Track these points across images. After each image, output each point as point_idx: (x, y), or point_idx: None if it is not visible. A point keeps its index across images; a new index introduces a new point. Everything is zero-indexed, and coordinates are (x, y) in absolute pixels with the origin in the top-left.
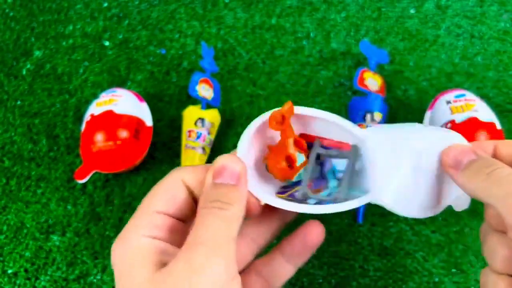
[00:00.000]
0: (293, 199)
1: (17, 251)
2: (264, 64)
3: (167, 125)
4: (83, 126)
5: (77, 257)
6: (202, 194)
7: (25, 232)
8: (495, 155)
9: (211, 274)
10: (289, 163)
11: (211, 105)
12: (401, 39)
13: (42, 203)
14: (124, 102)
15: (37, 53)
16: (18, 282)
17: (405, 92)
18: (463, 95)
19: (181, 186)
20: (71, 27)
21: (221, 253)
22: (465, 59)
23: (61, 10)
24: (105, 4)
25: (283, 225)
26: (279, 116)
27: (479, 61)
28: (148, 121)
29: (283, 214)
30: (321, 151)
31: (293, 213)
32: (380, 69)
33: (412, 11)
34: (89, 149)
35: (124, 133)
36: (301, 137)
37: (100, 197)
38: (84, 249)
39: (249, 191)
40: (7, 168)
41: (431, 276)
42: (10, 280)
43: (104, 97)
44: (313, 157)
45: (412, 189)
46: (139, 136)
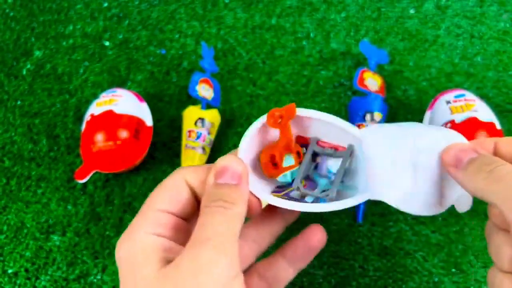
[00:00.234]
0: (291, 198)
1: (17, 251)
2: (264, 64)
3: (167, 125)
4: (83, 126)
5: (77, 257)
6: (204, 193)
7: (25, 232)
8: (495, 153)
9: (216, 271)
10: (273, 161)
11: (211, 105)
12: (401, 39)
13: (42, 203)
14: (124, 102)
15: (37, 53)
16: (18, 282)
17: (405, 92)
18: (462, 95)
19: (184, 185)
20: (71, 27)
21: (226, 251)
22: (465, 59)
23: (61, 10)
24: (105, 4)
25: (284, 226)
26: (277, 114)
27: (479, 61)
28: (148, 121)
29: (285, 216)
30: (317, 149)
31: (294, 215)
32: (380, 69)
33: (412, 11)
34: (89, 149)
35: (124, 133)
36: (298, 139)
37: (100, 197)
38: (84, 249)
39: (250, 191)
40: (8, 168)
41: (430, 276)
42: (10, 280)
43: (104, 97)
44: (309, 155)
45: (413, 187)
46: (139, 136)
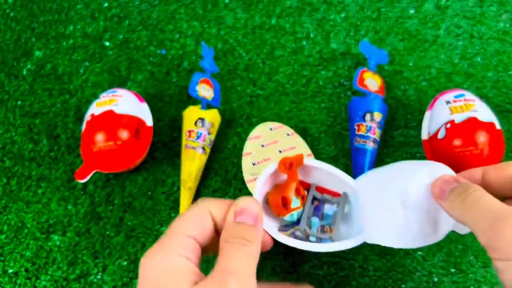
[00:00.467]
0: (296, 237)
1: (17, 250)
2: (264, 64)
3: (167, 125)
4: (84, 126)
5: (77, 256)
6: (224, 228)
7: (25, 232)
8: (484, 181)
9: None
10: (284, 203)
11: (211, 105)
12: (400, 39)
13: (42, 203)
14: (124, 102)
15: (38, 53)
16: (18, 281)
17: (404, 92)
18: (462, 95)
19: (209, 216)
20: (71, 27)
21: (248, 285)
22: (464, 59)
23: (61, 10)
24: (106, 4)
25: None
26: (288, 162)
27: (479, 61)
28: (148, 121)
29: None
30: (317, 195)
31: (269, 245)
32: (379, 69)
33: (411, 11)
34: (90, 149)
35: (124, 133)
36: (300, 183)
37: (100, 197)
38: (84, 249)
39: (264, 230)
40: (8, 168)
41: (430, 275)
42: (10, 279)
43: (104, 97)
44: (310, 198)
45: (405, 225)
46: (139, 136)
